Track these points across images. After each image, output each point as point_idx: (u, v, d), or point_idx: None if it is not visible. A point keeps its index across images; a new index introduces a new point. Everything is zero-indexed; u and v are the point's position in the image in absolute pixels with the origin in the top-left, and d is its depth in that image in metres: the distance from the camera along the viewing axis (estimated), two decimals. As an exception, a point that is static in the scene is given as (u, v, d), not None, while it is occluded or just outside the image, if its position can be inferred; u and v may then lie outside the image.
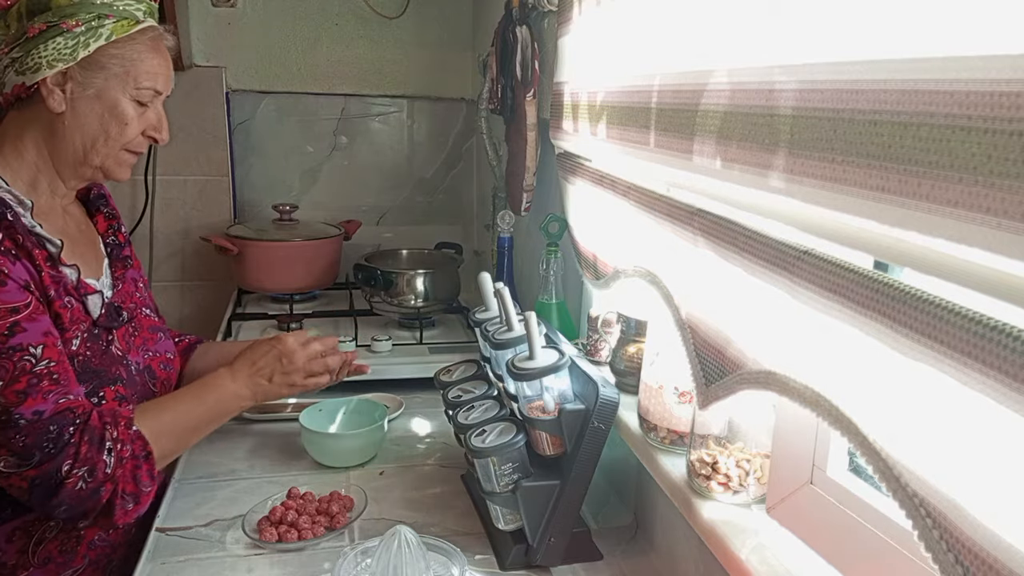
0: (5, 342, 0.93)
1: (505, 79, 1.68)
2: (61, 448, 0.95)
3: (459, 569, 1.01)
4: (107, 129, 1.07)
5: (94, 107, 1.05)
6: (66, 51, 1.00)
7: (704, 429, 0.93)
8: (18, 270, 0.96)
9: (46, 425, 0.94)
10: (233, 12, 2.26)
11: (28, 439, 0.93)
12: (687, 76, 0.84)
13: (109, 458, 0.98)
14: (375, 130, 2.46)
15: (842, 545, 0.77)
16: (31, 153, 1.06)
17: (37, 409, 0.94)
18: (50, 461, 0.94)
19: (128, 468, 1.01)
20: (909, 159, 0.50)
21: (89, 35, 1.01)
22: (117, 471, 0.99)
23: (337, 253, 2.14)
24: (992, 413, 0.45)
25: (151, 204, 2.26)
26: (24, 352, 0.94)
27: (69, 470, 0.95)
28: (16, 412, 0.93)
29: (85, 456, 0.96)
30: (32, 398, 0.94)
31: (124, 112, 1.07)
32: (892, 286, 0.54)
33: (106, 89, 1.05)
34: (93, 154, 1.08)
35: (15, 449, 0.93)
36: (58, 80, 1.02)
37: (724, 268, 0.80)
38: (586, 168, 1.27)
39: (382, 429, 1.39)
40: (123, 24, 1.04)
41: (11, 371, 0.93)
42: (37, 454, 0.94)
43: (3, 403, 0.93)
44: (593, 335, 1.32)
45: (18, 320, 0.94)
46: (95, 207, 1.22)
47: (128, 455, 1.01)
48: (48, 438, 0.94)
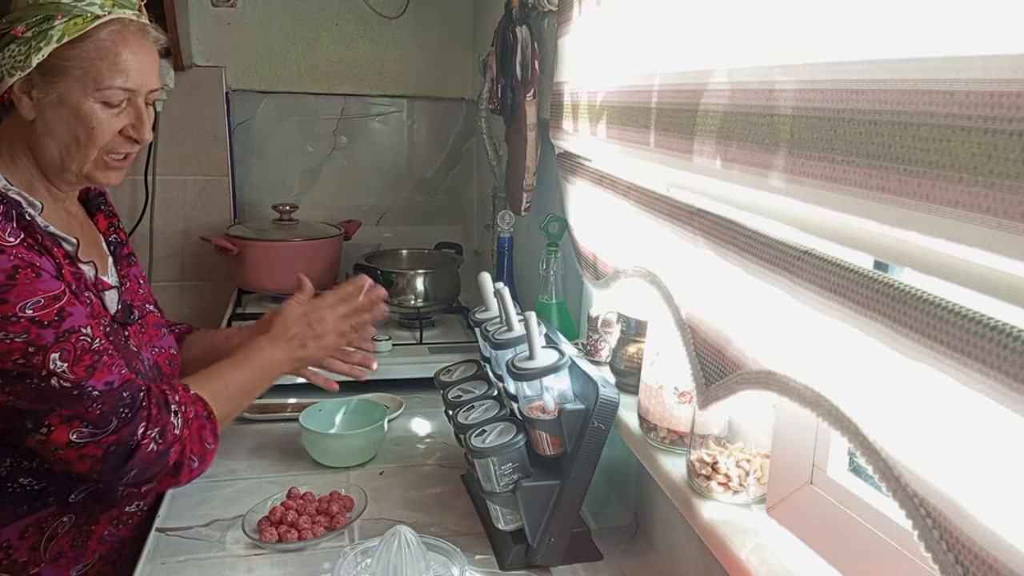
0: (59, 327, 0.94)
1: (505, 79, 1.68)
2: (136, 412, 0.98)
3: (459, 569, 1.01)
4: (76, 135, 1.02)
5: (59, 113, 1.01)
6: (20, 58, 0.97)
7: (704, 429, 0.93)
8: (46, 262, 0.98)
9: (119, 392, 0.97)
10: (233, 12, 2.26)
11: (104, 407, 0.96)
12: (687, 76, 0.84)
13: (176, 420, 1.02)
14: (375, 130, 2.46)
15: (842, 545, 0.77)
16: (24, 159, 1.05)
17: (107, 379, 0.97)
18: (127, 425, 0.97)
19: (194, 428, 1.04)
20: (909, 159, 0.50)
21: (40, 39, 0.96)
22: (184, 432, 1.02)
23: (337, 253, 2.14)
24: (992, 413, 0.45)
25: (151, 204, 2.26)
26: (79, 333, 0.96)
27: (144, 431, 0.98)
28: (88, 385, 0.95)
29: (157, 418, 1.00)
30: (100, 371, 0.97)
31: (89, 116, 1.01)
32: (892, 286, 0.54)
33: (67, 93, 1.00)
34: (69, 160, 1.04)
35: (92, 418, 0.95)
36: (24, 87, 0.99)
37: (724, 268, 0.80)
38: (586, 168, 1.27)
39: (382, 429, 1.39)
40: (76, 22, 0.98)
41: (73, 352, 0.95)
42: (114, 420, 0.97)
43: (74, 379, 0.94)
44: (593, 335, 1.32)
45: (63, 306, 0.95)
46: (95, 206, 1.22)
47: (193, 416, 1.04)
48: (123, 404, 0.98)
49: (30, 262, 0.94)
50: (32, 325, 0.92)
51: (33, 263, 0.94)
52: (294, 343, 1.19)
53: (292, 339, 1.19)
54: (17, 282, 0.92)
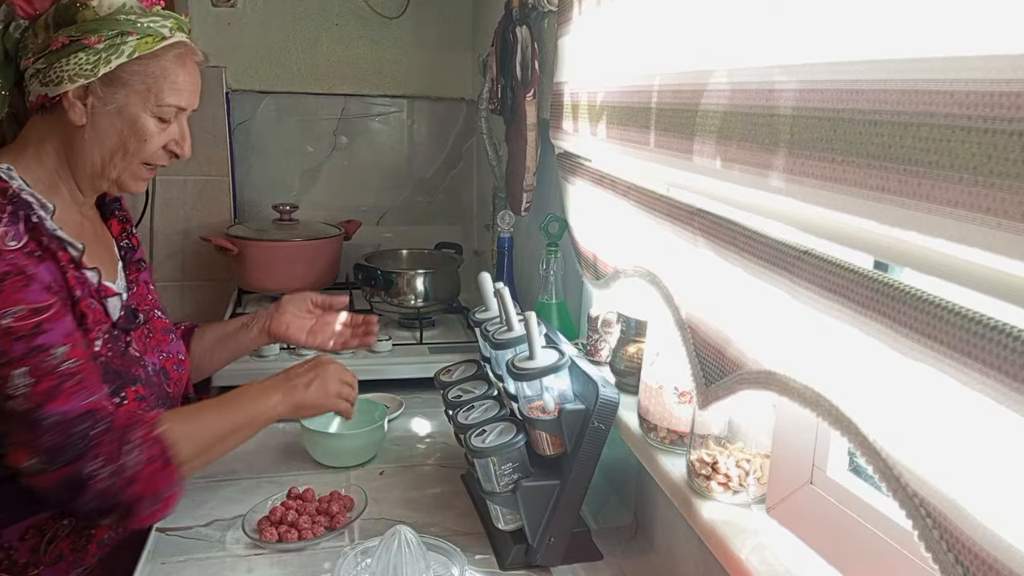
0: (31, 342, 0.93)
1: (505, 79, 1.68)
2: (86, 448, 0.95)
3: (459, 569, 1.01)
4: (126, 144, 1.07)
5: (114, 122, 1.05)
6: (87, 67, 1.01)
7: (704, 429, 0.93)
8: (42, 272, 0.97)
9: (72, 425, 0.95)
10: (233, 12, 2.26)
11: (55, 439, 0.94)
12: (687, 76, 0.84)
13: (130, 460, 0.98)
14: (375, 130, 2.46)
15: (842, 545, 0.77)
16: (52, 160, 1.07)
17: (63, 409, 0.94)
18: (76, 461, 0.95)
19: (149, 471, 0.99)
20: (909, 159, 0.50)
21: (111, 52, 1.01)
22: (139, 473, 0.98)
23: (337, 253, 2.14)
24: (992, 413, 0.45)
25: (151, 204, 2.26)
26: (47, 352, 0.94)
27: (93, 471, 0.95)
28: (42, 412, 0.93)
29: (109, 456, 0.96)
30: (58, 399, 0.94)
31: (144, 128, 1.07)
32: (892, 286, 0.54)
33: (127, 105, 1.05)
34: (111, 168, 1.08)
35: (41, 449, 0.94)
36: (79, 94, 1.03)
37: (724, 268, 0.80)
38: (586, 168, 1.27)
39: (382, 429, 1.39)
40: (147, 41, 1.04)
41: (37, 371, 0.93)
42: (63, 454, 0.94)
43: (30, 405, 0.93)
44: (593, 335, 1.32)
45: (41, 321, 0.94)
46: (109, 211, 1.23)
47: (147, 458, 0.99)
48: (73, 438, 0.95)
49: (21, 270, 0.94)
50: (4, 336, 0.91)
51: (24, 271, 0.94)
52: (295, 380, 1.15)
53: (294, 377, 1.15)
54: (3, 289, 0.92)
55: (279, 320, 1.36)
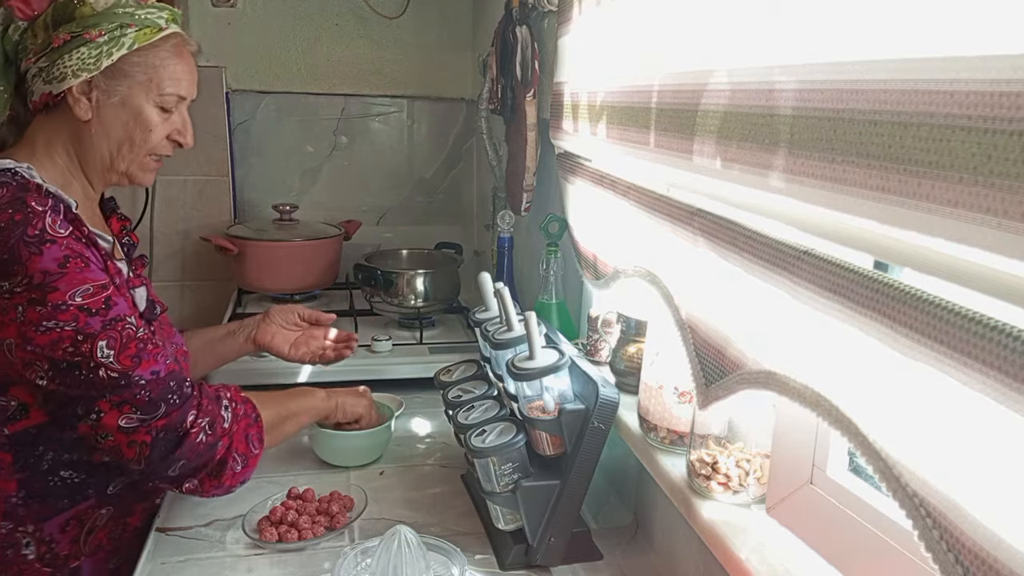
0: (107, 314, 0.97)
1: (505, 79, 1.68)
2: (186, 399, 1.02)
3: (459, 569, 1.01)
4: (132, 135, 1.09)
5: (119, 114, 1.08)
6: (90, 61, 1.03)
7: (704, 429, 0.93)
8: (94, 253, 1.02)
9: (166, 381, 1.00)
10: (233, 12, 2.26)
11: (153, 393, 0.99)
12: (687, 76, 0.84)
13: (227, 414, 1.06)
14: (375, 130, 2.46)
15: (842, 545, 0.77)
16: (62, 158, 1.09)
17: (154, 369, 1.00)
18: (176, 411, 1.00)
19: (243, 426, 1.07)
20: (909, 159, 0.50)
21: (112, 44, 1.04)
22: (234, 426, 1.06)
23: (337, 253, 2.14)
24: (992, 413, 0.45)
25: (151, 204, 2.26)
26: (124, 322, 0.99)
27: (194, 420, 1.01)
28: (135, 374, 0.98)
29: (207, 408, 1.03)
30: (146, 360, 0.99)
31: (148, 118, 1.09)
32: (892, 286, 0.54)
33: (130, 96, 1.07)
34: (119, 160, 1.10)
35: (140, 403, 0.98)
36: (83, 89, 1.05)
37: (724, 268, 0.80)
38: (586, 168, 1.27)
39: (389, 429, 1.39)
40: (145, 32, 1.06)
41: (119, 339, 0.98)
42: (163, 405, 1.00)
43: (120, 368, 0.97)
44: (593, 335, 1.32)
45: (109, 295, 0.99)
46: (108, 209, 1.24)
47: (242, 414, 1.08)
48: (171, 391, 1.01)
49: (79, 252, 0.98)
50: (80, 313, 0.95)
51: (82, 253, 0.98)
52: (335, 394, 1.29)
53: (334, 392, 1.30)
54: (68, 271, 0.96)
55: (265, 330, 1.41)
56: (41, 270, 0.94)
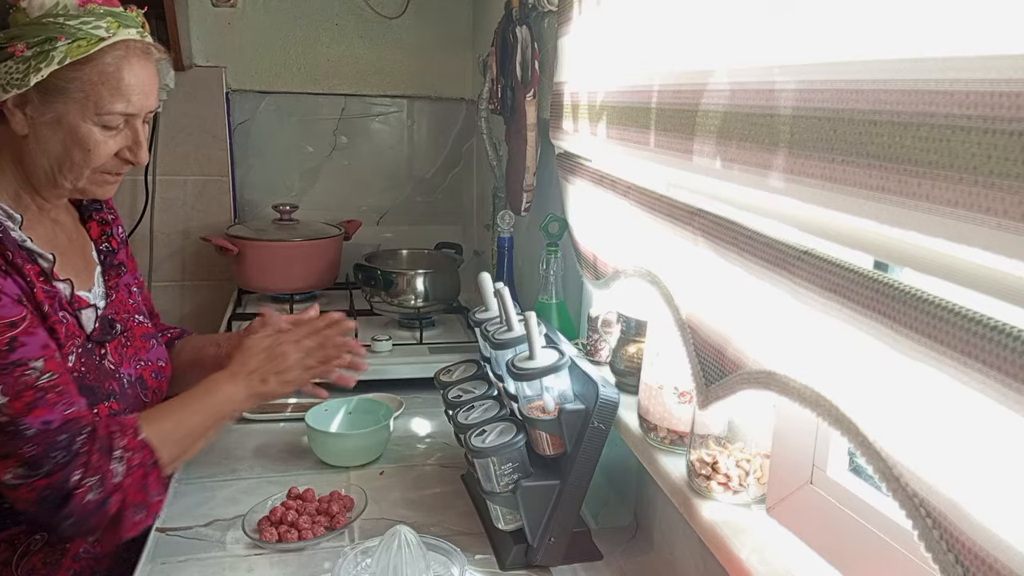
0: (6, 357, 0.90)
1: (505, 79, 1.68)
2: (72, 457, 0.93)
3: (459, 569, 1.01)
4: (71, 154, 1.00)
5: (55, 132, 0.99)
6: (17, 76, 0.94)
7: (704, 429, 0.93)
8: (10, 285, 0.94)
9: (55, 435, 0.92)
10: (233, 12, 2.26)
11: (38, 448, 0.91)
12: (687, 76, 0.84)
13: (119, 467, 0.96)
14: (375, 130, 2.46)
15: (842, 545, 0.77)
16: (10, 168, 1.03)
17: (45, 419, 0.92)
18: (61, 470, 0.92)
19: (137, 477, 0.98)
20: (909, 159, 0.50)
21: (40, 59, 0.94)
22: (126, 480, 0.97)
23: (337, 253, 2.14)
24: (992, 413, 0.45)
25: (151, 204, 2.26)
26: (26, 367, 0.92)
27: (80, 479, 0.93)
28: (24, 422, 0.91)
29: (96, 465, 0.94)
30: (39, 408, 0.92)
31: (86, 138, 1.00)
32: (892, 286, 0.54)
33: (65, 114, 0.98)
34: (62, 177, 1.02)
35: (24, 458, 0.91)
36: (18, 103, 0.97)
37: (724, 268, 0.80)
38: (586, 168, 1.27)
39: (387, 429, 1.39)
40: (79, 45, 0.95)
41: (14, 386, 0.91)
42: (47, 463, 0.92)
43: (10, 414, 0.90)
44: (593, 335, 1.32)
45: (16, 335, 0.91)
46: (88, 213, 1.18)
47: (137, 463, 0.98)
48: (58, 447, 0.92)
49: None
50: None
51: None
52: (253, 378, 1.11)
53: (252, 374, 1.11)
54: None
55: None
56: None
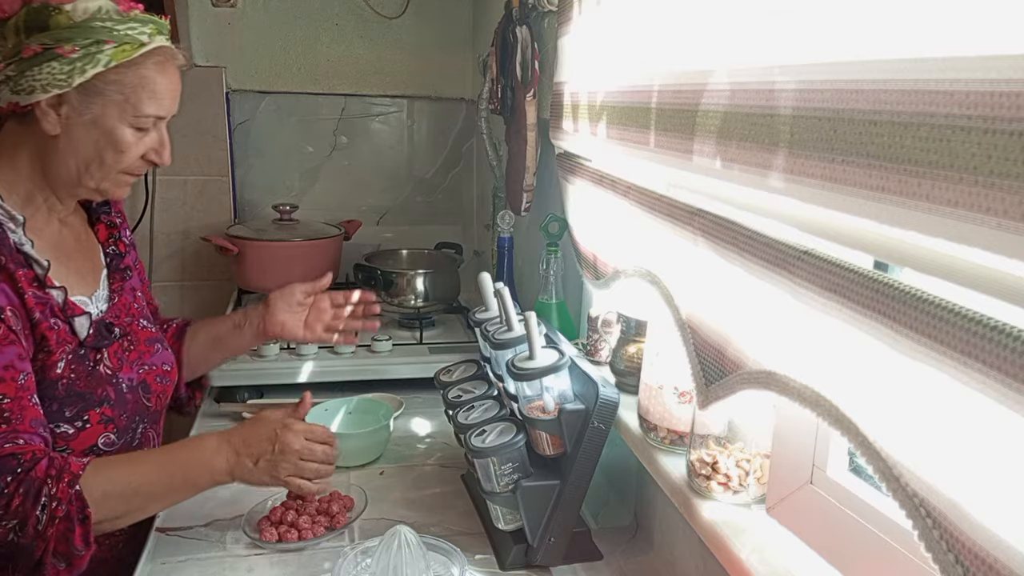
0: None
1: (505, 79, 1.68)
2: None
3: (459, 569, 1.01)
4: (102, 155, 1.03)
5: (90, 133, 1.01)
6: (61, 76, 0.96)
7: (704, 429, 0.93)
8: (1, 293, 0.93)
9: None
10: (233, 12, 2.25)
11: None
12: (687, 76, 0.84)
13: (42, 515, 0.91)
14: (375, 130, 2.46)
15: (842, 545, 0.77)
16: (26, 168, 1.03)
17: None
18: None
19: (60, 529, 0.93)
20: (909, 159, 0.50)
21: (86, 61, 0.96)
22: (48, 530, 0.92)
23: (337, 253, 2.13)
24: (992, 413, 0.45)
25: (151, 204, 2.26)
26: None
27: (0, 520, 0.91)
28: None
29: (16, 510, 0.91)
30: None
31: (121, 139, 1.03)
32: (892, 286, 0.54)
33: (103, 116, 1.00)
34: (87, 177, 1.04)
35: None
36: (53, 103, 0.98)
37: (724, 268, 0.80)
38: (586, 168, 1.27)
39: (387, 429, 1.39)
40: (124, 49, 0.98)
41: None
42: None
43: None
44: (593, 335, 1.32)
45: None
46: (96, 215, 1.19)
47: (62, 515, 0.92)
48: None
49: None
50: None
51: None
52: (244, 454, 1.05)
53: (246, 447, 1.05)
54: None
55: (272, 320, 1.33)
56: None
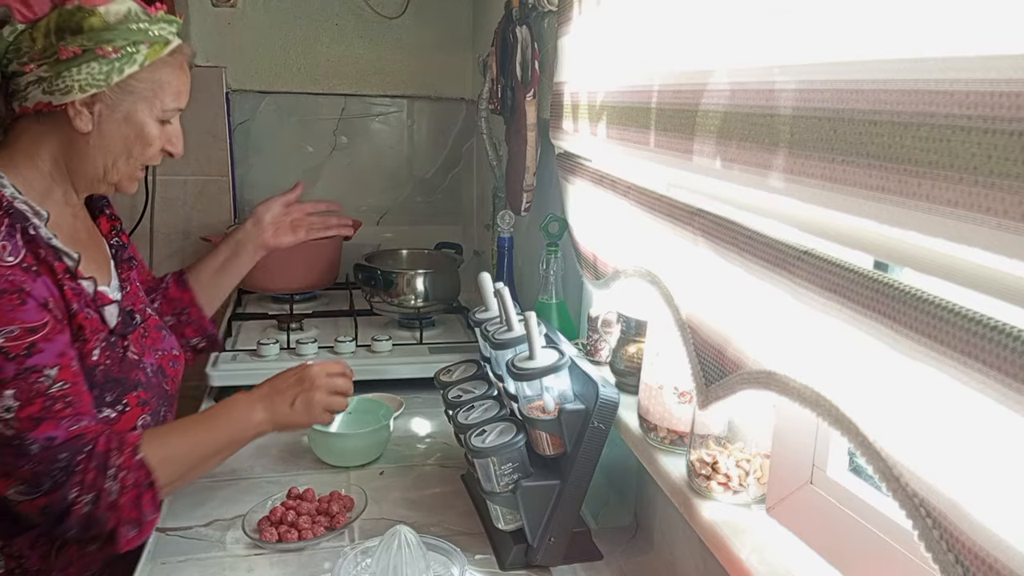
0: (23, 363, 0.93)
1: (505, 79, 1.68)
2: (68, 476, 0.95)
3: (459, 569, 1.01)
4: (130, 149, 1.08)
5: (121, 128, 1.06)
6: (100, 76, 1.01)
7: (704, 429, 0.93)
8: (39, 287, 0.96)
9: (56, 453, 0.94)
10: (233, 12, 2.26)
11: (39, 467, 0.94)
12: (687, 76, 0.84)
13: (113, 485, 0.98)
14: (375, 130, 2.46)
15: (842, 545, 0.77)
16: (47, 165, 1.06)
17: (50, 435, 0.94)
18: (58, 489, 0.95)
19: (131, 497, 0.99)
20: (909, 159, 0.50)
21: (124, 61, 1.02)
22: (120, 499, 0.98)
23: (337, 253, 2.13)
24: (992, 413, 0.45)
25: (151, 204, 2.26)
26: (40, 373, 0.94)
27: (76, 497, 0.96)
28: (28, 438, 0.93)
29: (90, 484, 0.96)
30: (46, 423, 0.94)
31: (149, 133, 1.09)
32: (892, 286, 0.54)
33: (134, 112, 1.06)
34: (113, 172, 1.09)
35: (25, 477, 0.94)
36: (87, 102, 1.02)
37: (724, 268, 0.80)
38: (586, 168, 1.27)
39: (387, 429, 1.39)
40: (156, 48, 1.05)
41: (27, 392, 0.93)
42: (46, 482, 0.94)
43: (17, 428, 0.92)
44: (593, 335, 1.32)
45: (36, 340, 0.94)
46: (98, 209, 1.22)
47: (131, 483, 0.99)
48: (57, 466, 0.95)
49: (19, 287, 0.93)
50: None
51: (22, 288, 0.93)
52: (278, 399, 1.13)
53: (278, 394, 1.13)
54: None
55: (266, 232, 1.44)
56: None
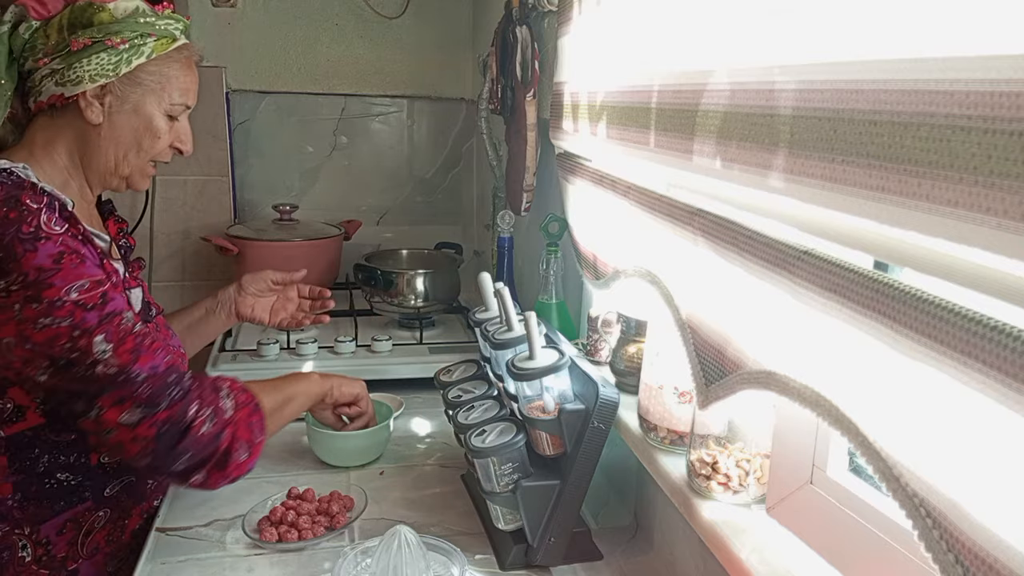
0: (103, 310, 0.97)
1: (505, 79, 1.68)
2: (186, 391, 1.01)
3: (459, 569, 1.01)
4: (140, 141, 1.11)
5: (130, 120, 1.09)
6: (109, 67, 1.04)
7: (704, 429, 0.93)
8: (89, 251, 1.01)
9: (164, 377, 1.00)
10: (233, 12, 2.26)
11: (152, 388, 0.99)
12: (687, 76, 0.84)
13: (228, 402, 1.05)
14: (375, 130, 2.46)
15: (842, 545, 0.77)
16: (63, 159, 1.09)
17: (152, 364, 0.99)
18: (178, 404, 1.00)
19: (244, 414, 1.06)
20: (909, 159, 0.50)
21: (132, 52, 1.06)
22: (236, 415, 1.05)
23: (337, 253, 2.14)
24: (992, 413, 0.45)
25: (151, 204, 2.26)
26: (120, 316, 0.99)
27: (197, 411, 1.01)
28: (133, 370, 0.98)
29: (209, 399, 1.03)
30: (144, 355, 0.99)
31: (158, 126, 1.12)
32: (892, 286, 0.54)
33: (143, 104, 1.09)
34: (124, 165, 1.12)
35: (141, 399, 0.98)
36: (97, 93, 1.06)
37: (724, 268, 0.80)
38: (586, 168, 1.27)
39: (388, 429, 1.39)
40: (163, 42, 1.09)
41: (116, 334, 0.97)
42: (164, 399, 0.99)
43: (119, 364, 0.97)
44: (593, 335, 1.32)
45: (105, 290, 0.99)
46: (106, 211, 1.25)
47: (243, 402, 1.07)
48: (171, 385, 1.00)
49: (75, 248, 0.98)
50: (77, 308, 0.95)
51: (78, 250, 0.98)
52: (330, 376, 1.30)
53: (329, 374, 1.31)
54: (63, 267, 0.95)
55: (244, 302, 1.46)
56: (36, 267, 0.93)
